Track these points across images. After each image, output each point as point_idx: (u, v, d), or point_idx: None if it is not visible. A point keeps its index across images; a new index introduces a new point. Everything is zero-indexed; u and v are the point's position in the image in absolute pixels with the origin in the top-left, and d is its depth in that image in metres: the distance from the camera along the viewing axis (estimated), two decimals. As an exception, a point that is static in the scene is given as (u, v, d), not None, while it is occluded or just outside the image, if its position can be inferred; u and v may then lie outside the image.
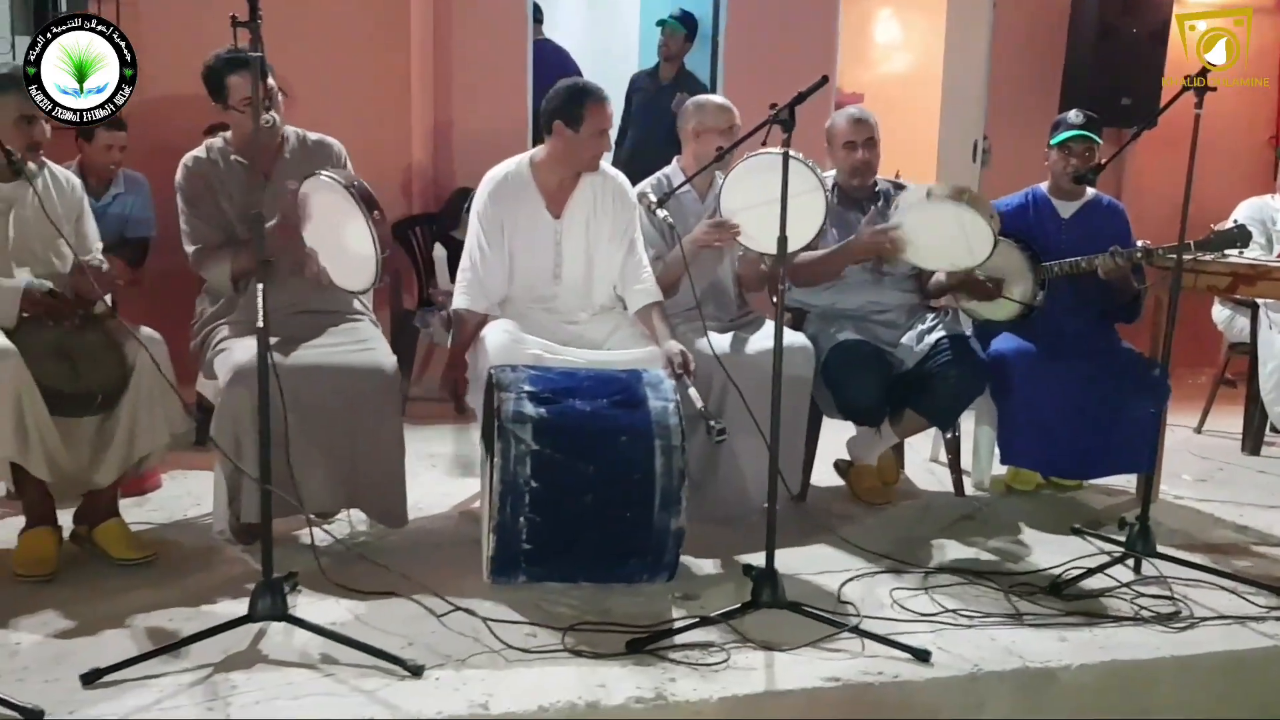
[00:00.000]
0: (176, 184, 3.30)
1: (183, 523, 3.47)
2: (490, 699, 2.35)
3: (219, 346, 3.23)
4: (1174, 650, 2.77)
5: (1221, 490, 4.25)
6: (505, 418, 2.81)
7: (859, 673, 2.55)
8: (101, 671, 2.36)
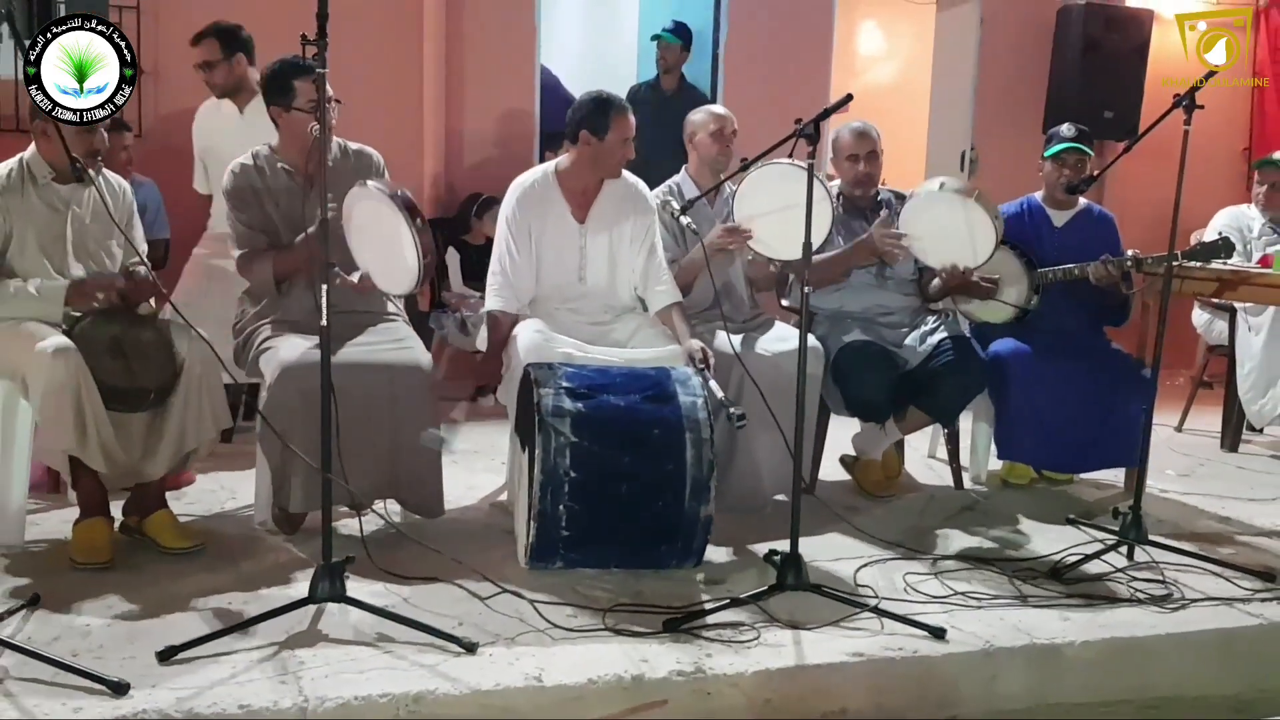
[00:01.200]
0: (224, 189, 3.45)
1: (221, 515, 3.61)
2: (543, 672, 2.51)
3: (263, 346, 3.37)
4: (1169, 628, 2.97)
5: (1204, 484, 4.48)
6: (545, 412, 2.98)
7: (880, 649, 2.73)
8: (176, 649, 2.51)
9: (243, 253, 3.43)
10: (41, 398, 2.98)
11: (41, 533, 3.33)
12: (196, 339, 3.22)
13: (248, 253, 3.42)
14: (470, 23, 5.64)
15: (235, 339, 3.55)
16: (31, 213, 3.20)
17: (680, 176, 4.02)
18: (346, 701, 2.35)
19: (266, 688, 2.38)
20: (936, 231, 3.77)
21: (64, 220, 3.25)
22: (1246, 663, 2.98)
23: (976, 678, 2.77)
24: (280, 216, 3.44)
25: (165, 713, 2.27)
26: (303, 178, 3.45)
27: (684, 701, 2.54)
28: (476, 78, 5.69)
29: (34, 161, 3.23)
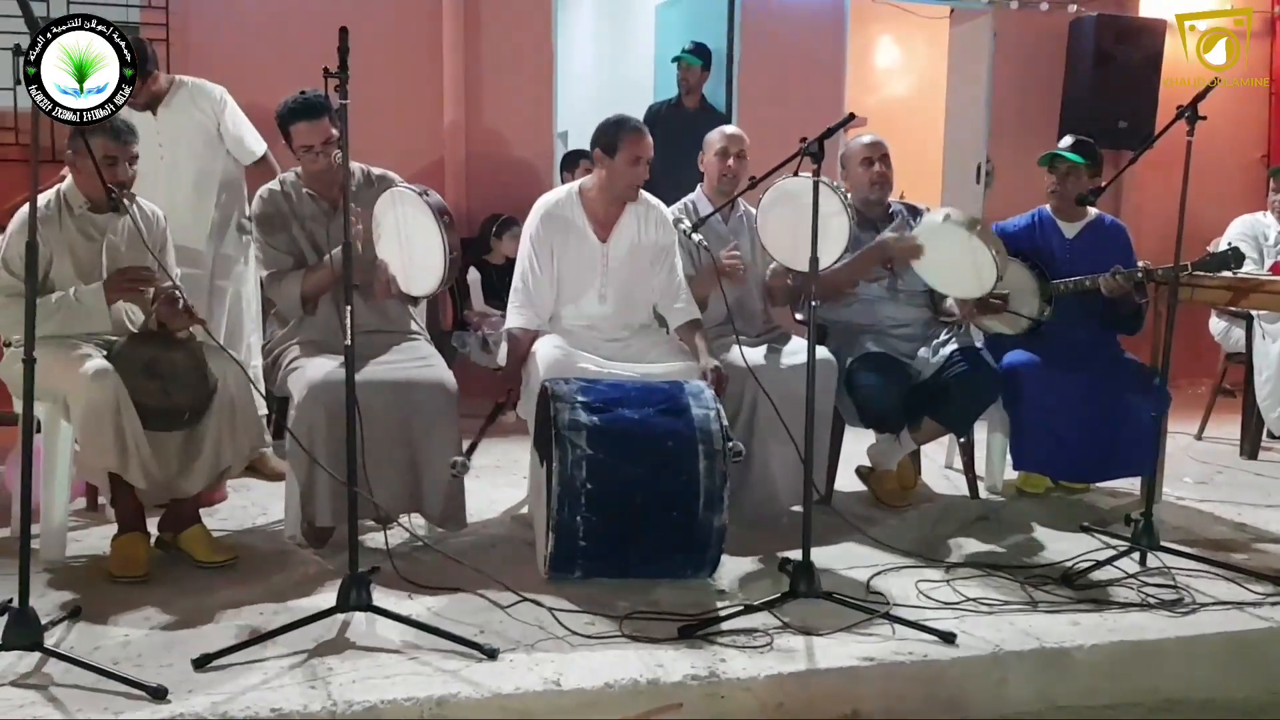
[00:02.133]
0: (253, 214, 3.59)
1: (253, 530, 3.73)
2: (561, 677, 2.60)
3: (291, 365, 3.50)
4: (1178, 632, 3.02)
5: (1220, 491, 4.51)
6: (562, 425, 3.08)
7: (891, 653, 2.80)
8: (210, 657, 2.61)
9: (270, 273, 3.56)
10: (83, 418, 3.11)
11: (81, 549, 3.45)
12: (229, 360, 3.34)
13: (275, 273, 3.55)
14: (488, 47, 5.77)
15: (264, 359, 3.68)
16: (68, 242, 3.34)
17: (695, 194, 4.12)
18: (373, 705, 2.45)
19: (296, 693, 2.48)
20: (941, 261, 3.87)
21: (99, 249, 3.38)
22: (1256, 665, 3.02)
23: (985, 681, 2.83)
24: (307, 239, 3.57)
25: (201, 716, 2.37)
26: (327, 202, 3.58)
27: (698, 705, 2.62)
28: (495, 100, 5.82)
29: (70, 192, 3.37)
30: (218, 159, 4.26)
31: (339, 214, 3.53)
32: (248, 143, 4.30)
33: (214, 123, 4.22)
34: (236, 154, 4.29)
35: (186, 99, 4.20)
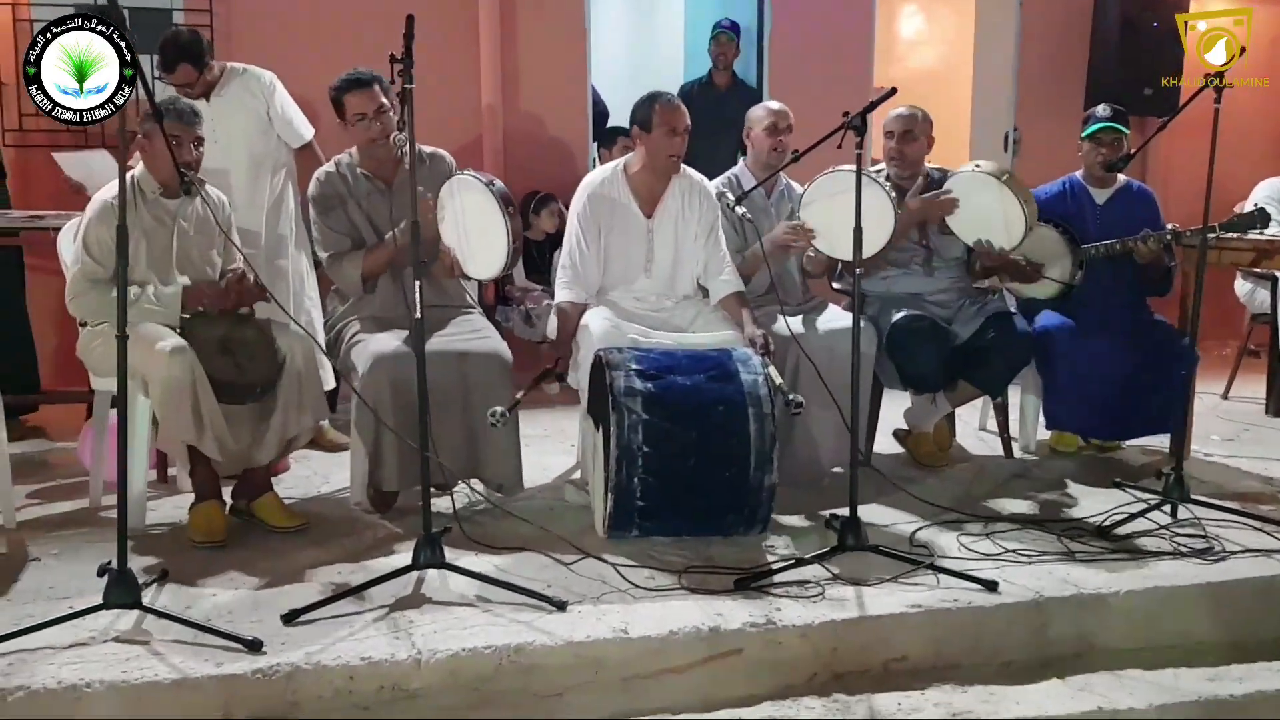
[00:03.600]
0: (310, 196, 3.75)
1: (318, 498, 3.90)
2: (628, 626, 2.76)
3: (353, 340, 3.66)
4: (1209, 578, 3.16)
5: (1247, 448, 4.63)
6: (618, 392, 3.23)
7: (938, 601, 2.96)
8: (298, 612, 2.79)
9: (331, 254, 3.71)
10: (161, 394, 3.28)
11: (157, 518, 3.63)
12: (296, 335, 3.51)
13: (335, 254, 3.70)
14: (523, 31, 5.90)
15: (326, 335, 3.84)
16: (143, 228, 3.50)
17: (739, 169, 4.25)
18: (455, 653, 2.62)
19: (383, 643, 2.65)
20: (972, 213, 3.99)
21: (170, 233, 3.54)
22: (1283, 609, 3.16)
23: (1027, 626, 2.97)
24: (363, 218, 3.72)
25: (297, 664, 2.54)
26: (382, 181, 3.73)
27: (757, 651, 2.78)
28: (530, 83, 5.95)
29: (143, 178, 3.53)
30: (269, 142, 4.42)
31: (394, 193, 3.70)
32: (296, 125, 4.45)
33: (265, 107, 4.37)
34: (286, 137, 4.44)
35: (239, 85, 4.35)
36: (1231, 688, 2.85)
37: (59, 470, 4.22)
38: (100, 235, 3.45)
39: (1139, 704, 2.74)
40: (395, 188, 3.73)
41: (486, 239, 3.45)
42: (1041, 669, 2.91)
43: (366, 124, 3.65)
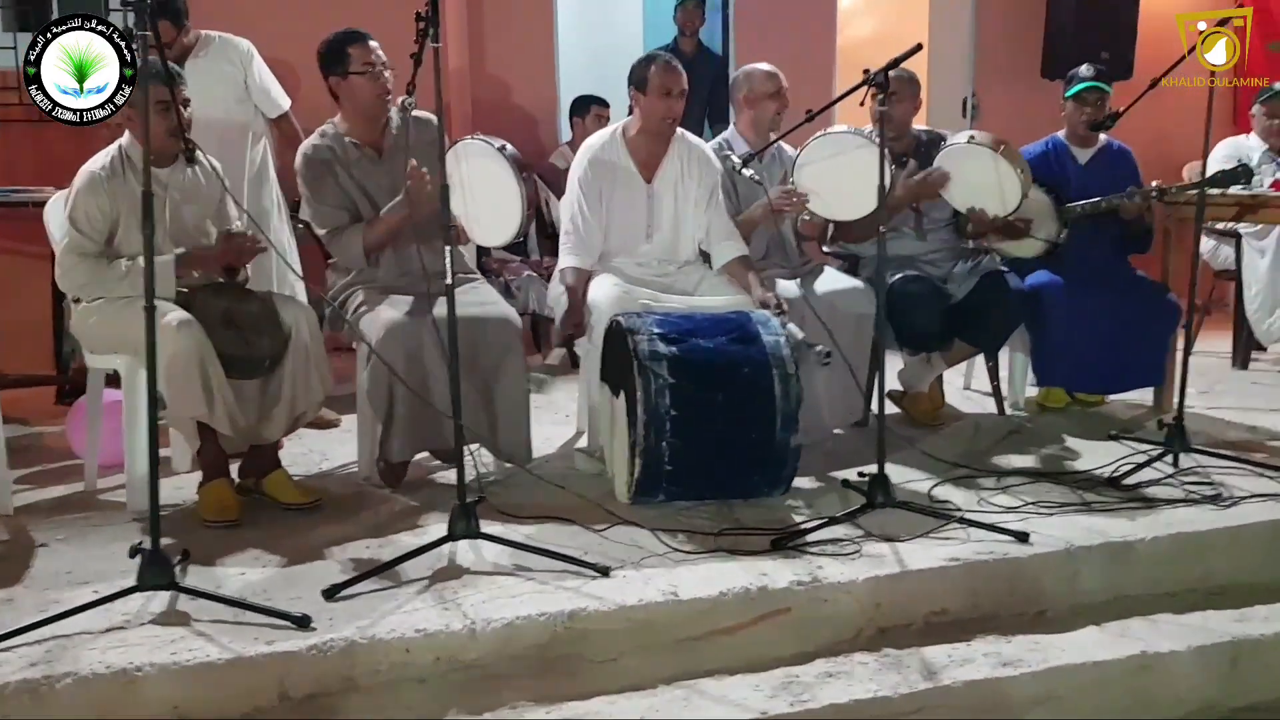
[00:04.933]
0: (298, 172, 3.64)
1: (320, 475, 3.79)
2: (677, 589, 2.74)
3: (360, 310, 3.56)
4: (1225, 523, 3.24)
5: (1225, 399, 4.76)
6: (643, 357, 3.20)
7: (973, 553, 2.99)
8: (339, 587, 2.72)
9: (329, 230, 3.61)
10: (168, 369, 3.15)
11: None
12: (301, 308, 3.42)
13: (334, 230, 3.60)
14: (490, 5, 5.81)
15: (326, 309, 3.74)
16: (133, 198, 3.35)
17: (730, 133, 4.22)
18: (510, 621, 2.57)
19: (434, 615, 2.60)
20: (967, 183, 4.03)
21: (162, 204, 3.40)
22: (1296, 550, 3.26)
23: (1060, 575, 3.02)
24: (357, 189, 3.63)
25: (352, 639, 2.48)
26: (372, 148, 3.64)
27: (804, 608, 2.78)
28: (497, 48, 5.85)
29: (131, 147, 3.38)
30: (245, 112, 4.28)
31: (385, 161, 3.62)
32: (274, 95, 4.32)
33: (242, 75, 4.23)
34: (264, 107, 4.31)
35: (216, 52, 4.20)
36: (1260, 628, 2.93)
37: (40, 454, 4.05)
38: (89, 208, 3.31)
39: (1178, 646, 2.81)
40: (386, 155, 3.64)
41: (497, 205, 3.38)
42: (1074, 617, 2.96)
43: (374, 75, 3.55)
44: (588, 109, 5.63)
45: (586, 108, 5.63)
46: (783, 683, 2.60)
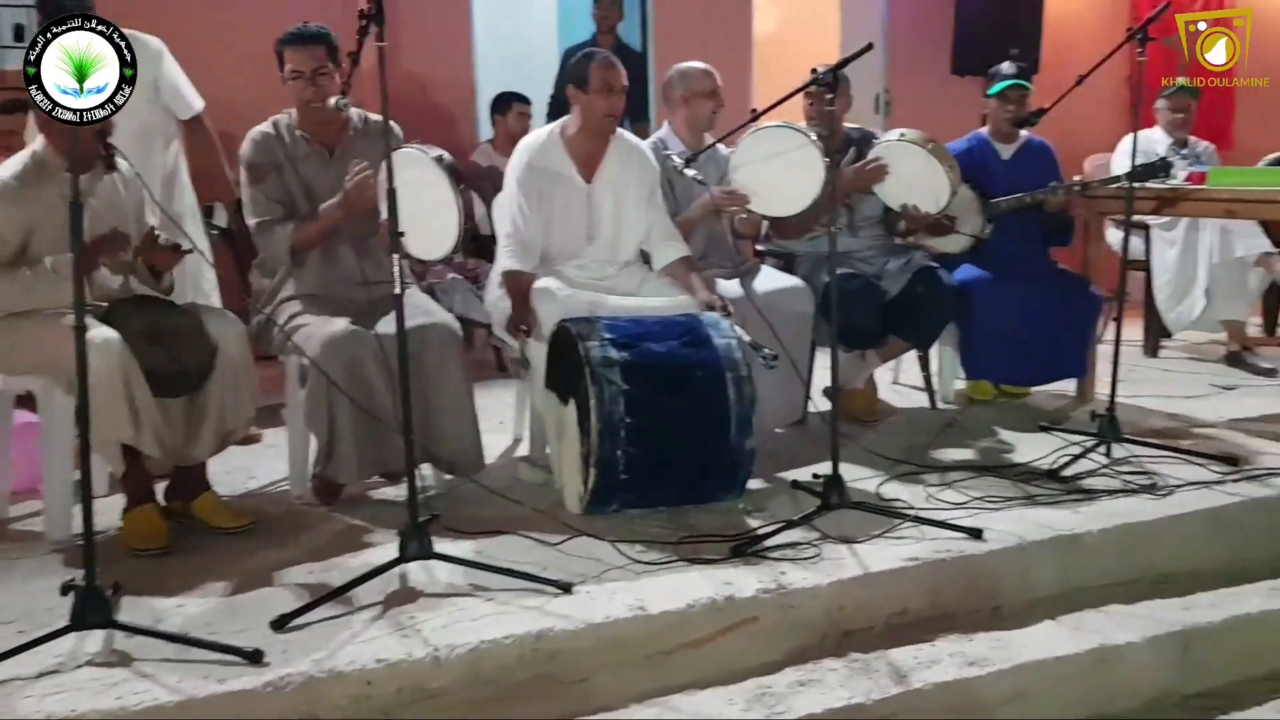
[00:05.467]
0: (242, 158, 3.49)
1: (249, 494, 3.63)
2: (644, 603, 2.67)
3: (296, 323, 3.41)
4: (1165, 512, 3.30)
5: (1141, 388, 4.88)
6: (595, 363, 3.12)
7: (930, 552, 2.99)
8: (287, 617, 2.58)
9: (259, 221, 3.47)
10: (92, 389, 2.97)
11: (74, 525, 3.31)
12: (228, 320, 3.26)
13: (264, 222, 3.46)
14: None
15: (253, 317, 3.58)
16: (48, 208, 3.16)
17: (665, 132, 4.16)
18: (475, 646, 2.47)
19: (393, 642, 2.49)
20: (898, 180, 4.05)
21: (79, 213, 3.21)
22: (1232, 536, 3.34)
23: (1014, 570, 3.05)
24: (299, 185, 3.50)
25: (310, 674, 2.35)
26: (322, 146, 3.50)
27: (772, 616, 2.74)
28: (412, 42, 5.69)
29: (45, 153, 3.18)
30: (156, 113, 4.07)
31: (336, 162, 3.49)
32: (186, 95, 4.12)
33: (152, 75, 4.02)
34: (175, 108, 4.11)
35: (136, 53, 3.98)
36: (1207, 615, 3.00)
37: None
38: None
39: (1134, 638, 2.85)
40: (337, 156, 3.52)
41: (431, 217, 3.24)
42: (1030, 611, 2.99)
43: (302, 84, 3.44)
44: (509, 107, 5.52)
45: (508, 105, 5.52)
46: (756, 694, 2.56)
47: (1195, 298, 5.33)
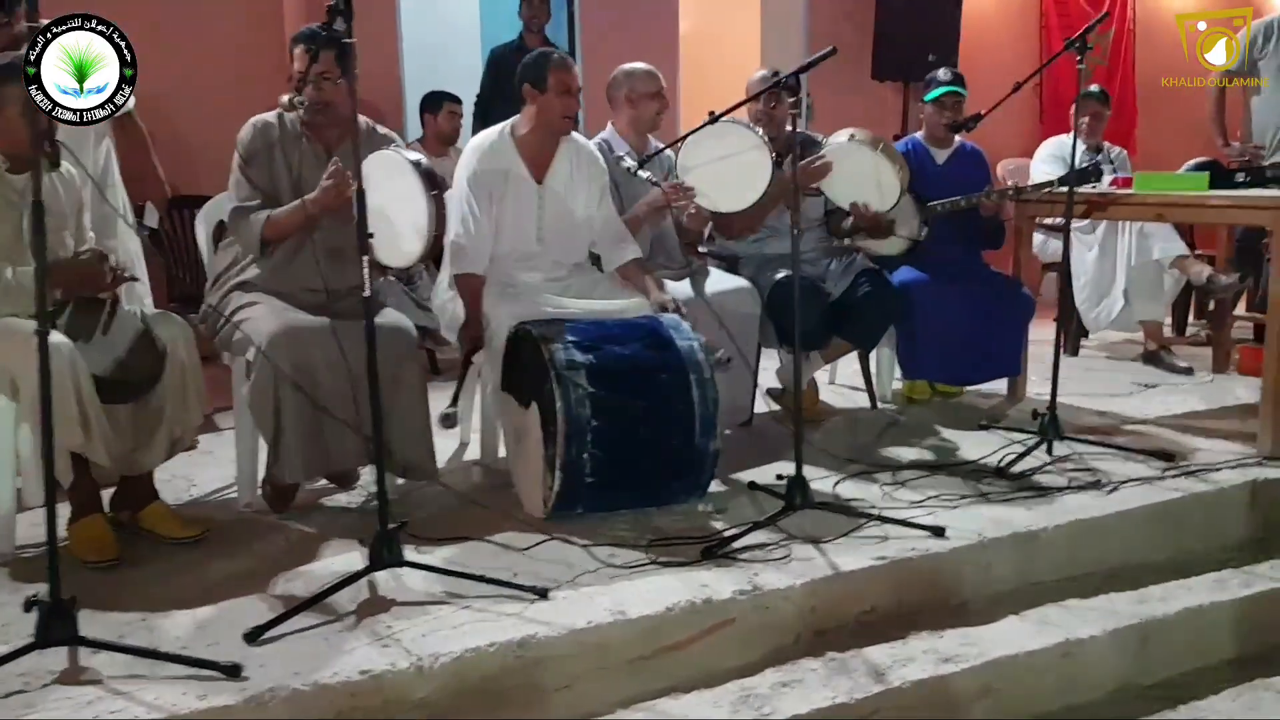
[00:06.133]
0: (239, 140, 3.39)
1: (193, 503, 3.52)
2: (623, 607, 2.66)
3: (241, 316, 3.31)
4: (1113, 508, 3.40)
5: (1066, 386, 4.91)
6: (560, 366, 3.10)
7: (897, 551, 3.03)
8: (261, 629, 2.50)
9: (236, 207, 3.36)
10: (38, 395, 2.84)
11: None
12: (177, 324, 3.15)
13: (241, 208, 3.35)
14: None
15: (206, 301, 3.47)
16: (-10, 207, 3.02)
17: (608, 133, 4.14)
18: (459, 655, 2.43)
19: (374, 653, 2.43)
20: (847, 180, 4.10)
21: (19, 214, 3.07)
22: (1174, 530, 3.47)
23: (976, 567, 3.11)
24: (288, 180, 3.40)
25: (294, 687, 2.28)
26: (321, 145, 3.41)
27: (747, 618, 2.75)
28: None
29: (-14, 152, 3.03)
30: None
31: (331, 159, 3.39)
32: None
33: None
34: None
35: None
36: (1161, 608, 3.10)
37: None
38: None
39: (1095, 631, 2.93)
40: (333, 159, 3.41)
41: (402, 223, 3.18)
42: (993, 607, 3.05)
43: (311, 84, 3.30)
44: (440, 105, 5.45)
45: (439, 104, 5.44)
46: (741, 696, 2.57)
47: (1114, 298, 5.52)
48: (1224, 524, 3.58)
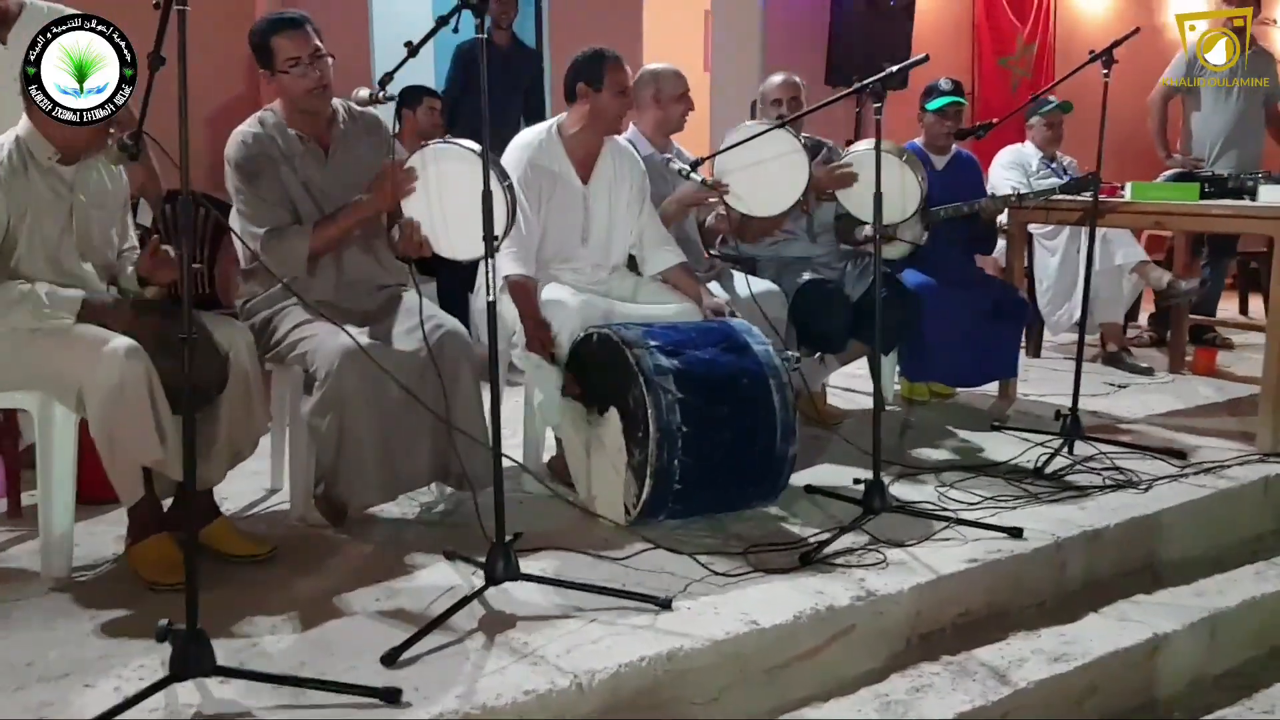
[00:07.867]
0: (232, 161, 3.16)
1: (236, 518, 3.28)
2: (754, 616, 2.62)
3: (296, 332, 3.13)
4: (1156, 506, 3.52)
5: (1043, 386, 5.19)
6: (649, 371, 3.04)
7: (984, 553, 3.07)
8: (397, 651, 2.38)
9: (267, 231, 3.13)
10: (111, 406, 2.64)
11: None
12: (237, 328, 2.98)
13: (275, 229, 3.13)
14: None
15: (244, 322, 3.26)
16: (35, 200, 2.79)
17: (632, 133, 4.08)
18: (615, 671, 2.35)
19: (526, 672, 2.33)
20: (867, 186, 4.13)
21: (68, 208, 2.85)
22: (1206, 525, 3.62)
23: (1051, 567, 3.18)
24: (299, 186, 3.19)
25: (463, 712, 2.17)
26: (316, 143, 3.24)
27: (865, 625, 2.75)
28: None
29: (32, 139, 2.79)
30: None
31: (331, 157, 3.25)
32: None
33: None
34: None
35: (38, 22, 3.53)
36: (1219, 600, 3.24)
37: None
38: None
39: (1175, 626, 3.04)
40: (332, 151, 3.24)
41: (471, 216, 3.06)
42: (1068, 605, 3.14)
43: (303, 70, 3.13)
44: (420, 101, 5.27)
45: (419, 99, 5.27)
46: (881, 703, 2.57)
47: (1076, 302, 5.72)
48: (1245, 518, 3.75)
